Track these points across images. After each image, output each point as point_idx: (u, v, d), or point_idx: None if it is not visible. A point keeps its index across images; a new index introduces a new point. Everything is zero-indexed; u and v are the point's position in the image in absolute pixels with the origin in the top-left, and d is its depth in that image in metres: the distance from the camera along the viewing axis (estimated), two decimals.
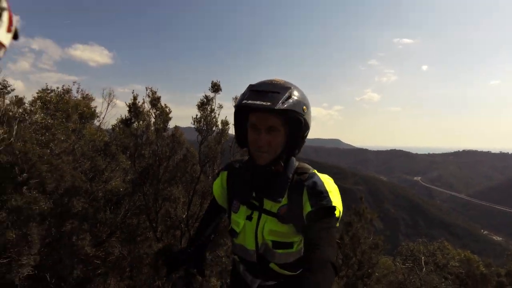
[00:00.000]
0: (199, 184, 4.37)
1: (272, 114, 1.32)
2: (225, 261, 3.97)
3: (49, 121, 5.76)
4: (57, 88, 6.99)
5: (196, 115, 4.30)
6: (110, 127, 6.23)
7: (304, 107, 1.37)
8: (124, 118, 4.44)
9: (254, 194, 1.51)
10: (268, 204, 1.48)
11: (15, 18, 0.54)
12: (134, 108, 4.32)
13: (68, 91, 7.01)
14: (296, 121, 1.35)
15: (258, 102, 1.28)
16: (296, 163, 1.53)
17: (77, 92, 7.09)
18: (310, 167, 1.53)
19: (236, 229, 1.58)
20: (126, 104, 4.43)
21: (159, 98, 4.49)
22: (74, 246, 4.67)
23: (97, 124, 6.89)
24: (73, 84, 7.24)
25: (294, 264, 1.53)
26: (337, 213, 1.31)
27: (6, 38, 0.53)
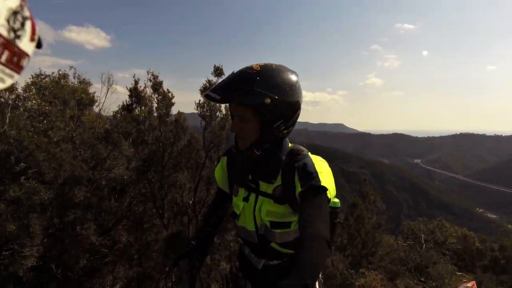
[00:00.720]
0: (204, 170, 4.35)
1: (240, 105, 1.36)
2: (233, 245, 4.01)
3: (47, 108, 5.65)
4: (52, 73, 6.86)
5: (199, 100, 4.22)
6: (111, 113, 6.10)
7: (268, 99, 1.33)
8: (125, 103, 4.34)
9: (250, 177, 1.55)
10: (263, 186, 1.52)
11: (38, 27, 0.55)
12: (135, 93, 4.21)
13: (64, 76, 6.82)
14: (263, 112, 1.35)
15: (212, 94, 1.31)
16: (289, 145, 1.55)
17: (74, 77, 6.93)
18: (304, 149, 1.54)
19: (237, 211, 1.63)
20: (127, 89, 4.31)
21: (161, 82, 4.37)
22: (78, 236, 4.67)
23: (97, 110, 6.76)
24: (70, 69, 7.02)
25: (294, 243, 1.56)
26: (328, 194, 1.34)
27: (30, 47, 0.54)
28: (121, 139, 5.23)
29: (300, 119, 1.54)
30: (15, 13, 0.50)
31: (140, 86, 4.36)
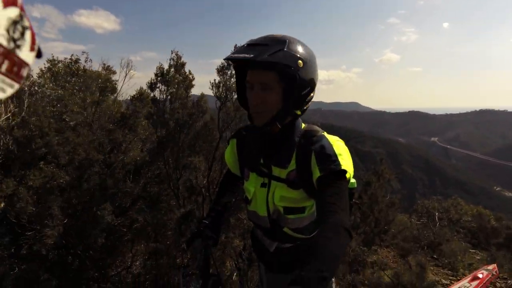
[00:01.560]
0: (218, 150, 4.41)
1: (266, 70, 1.24)
2: (247, 223, 4.12)
3: (60, 92, 5.75)
4: (65, 58, 6.96)
5: (215, 80, 4.16)
6: (128, 98, 6.19)
7: (300, 61, 1.26)
8: (150, 82, 4.34)
9: (262, 161, 1.48)
10: (276, 170, 1.45)
11: (38, 38, 0.55)
12: (162, 76, 4.20)
13: (77, 61, 6.94)
14: (290, 77, 1.25)
15: (241, 55, 1.19)
16: (303, 125, 1.47)
17: (85, 62, 6.99)
18: (319, 129, 1.46)
19: (248, 196, 1.59)
20: (157, 69, 4.28)
21: (184, 63, 4.31)
22: (95, 217, 4.85)
23: (113, 96, 6.86)
24: (82, 54, 7.09)
25: (307, 228, 1.52)
26: (347, 176, 1.26)
27: (30, 57, 0.54)
28: (136, 123, 5.33)
29: (314, 99, 1.44)
30: (15, 23, 0.50)
31: (166, 69, 4.33)
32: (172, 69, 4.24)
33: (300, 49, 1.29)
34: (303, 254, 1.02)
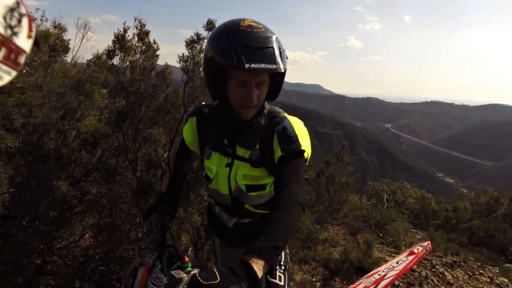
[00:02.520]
0: (181, 124, 4.29)
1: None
2: (207, 199, 4.13)
3: None
4: None
5: (183, 54, 3.97)
6: (85, 61, 5.73)
7: (286, 56, 1.35)
8: (107, 50, 4.00)
9: (226, 141, 1.51)
10: (240, 151, 1.49)
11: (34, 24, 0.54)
12: (122, 41, 3.86)
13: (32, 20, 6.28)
14: (282, 71, 1.32)
15: (263, 66, 1.22)
16: (267, 106, 1.52)
17: (41, 21, 6.30)
18: (281, 110, 1.53)
19: (209, 175, 1.61)
20: (115, 36, 3.94)
21: (148, 32, 4.00)
22: (48, 186, 4.61)
23: (69, 58, 6.28)
24: (36, 11, 6.36)
25: (267, 203, 1.60)
26: (305, 155, 1.36)
27: (27, 44, 0.54)
28: (93, 89, 4.99)
29: None
30: (11, 10, 0.50)
31: (129, 36, 3.98)
32: (131, 36, 3.96)
33: (279, 40, 1.34)
34: (260, 228, 1.07)
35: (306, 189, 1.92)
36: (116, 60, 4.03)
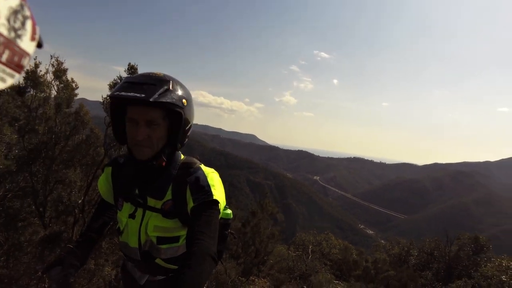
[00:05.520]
0: (101, 168, 4.02)
1: (151, 107, 1.28)
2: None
3: None
4: None
5: (107, 96, 3.85)
6: None
7: (184, 100, 1.35)
8: (18, 84, 3.67)
9: (137, 191, 1.47)
10: (151, 201, 1.45)
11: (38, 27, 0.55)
12: (33, 76, 3.59)
13: None
14: (176, 114, 1.33)
15: (131, 94, 1.22)
16: (181, 157, 1.52)
17: None
18: (196, 161, 1.52)
19: (120, 226, 1.55)
20: (27, 71, 3.67)
21: (65, 70, 3.81)
22: None
23: None
24: None
25: (181, 257, 1.52)
26: (219, 206, 1.36)
27: (30, 47, 0.53)
28: (3, 124, 4.51)
29: (214, 125, 1.54)
30: (15, 12, 0.50)
31: (41, 71, 3.72)
32: (48, 74, 3.73)
33: (182, 89, 1.38)
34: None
35: (226, 243, 1.89)
36: (28, 97, 3.72)
